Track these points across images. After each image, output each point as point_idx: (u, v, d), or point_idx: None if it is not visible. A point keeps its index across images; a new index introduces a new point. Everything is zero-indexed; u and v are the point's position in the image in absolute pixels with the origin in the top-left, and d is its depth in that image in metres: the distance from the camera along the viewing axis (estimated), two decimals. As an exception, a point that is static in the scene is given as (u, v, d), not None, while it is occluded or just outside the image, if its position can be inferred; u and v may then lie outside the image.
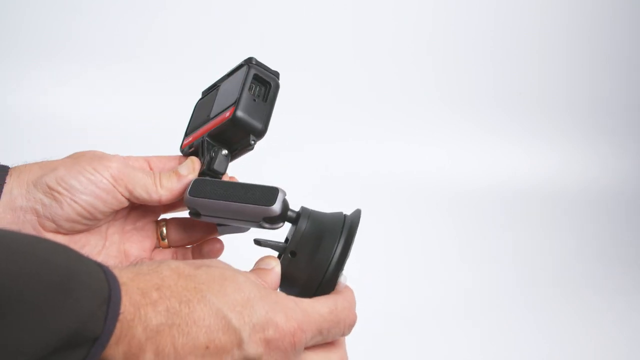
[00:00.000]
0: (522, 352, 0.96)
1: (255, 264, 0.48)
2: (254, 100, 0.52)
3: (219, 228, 0.56)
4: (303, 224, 0.50)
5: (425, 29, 1.67)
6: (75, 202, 0.48)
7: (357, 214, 0.52)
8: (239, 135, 0.52)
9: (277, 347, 0.39)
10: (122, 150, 0.59)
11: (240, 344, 0.38)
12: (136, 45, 1.44)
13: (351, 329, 0.46)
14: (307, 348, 0.43)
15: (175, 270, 0.39)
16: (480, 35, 1.70)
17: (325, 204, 0.55)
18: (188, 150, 0.56)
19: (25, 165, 0.49)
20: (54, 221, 0.48)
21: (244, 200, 0.49)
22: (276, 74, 0.56)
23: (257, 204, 0.48)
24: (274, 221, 0.49)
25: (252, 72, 0.53)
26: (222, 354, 0.37)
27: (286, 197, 0.50)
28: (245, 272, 0.42)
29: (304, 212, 0.51)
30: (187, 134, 0.58)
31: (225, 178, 0.54)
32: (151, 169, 0.55)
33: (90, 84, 1.38)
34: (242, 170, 0.59)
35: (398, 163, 1.56)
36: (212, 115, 0.54)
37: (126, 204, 0.51)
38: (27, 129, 1.26)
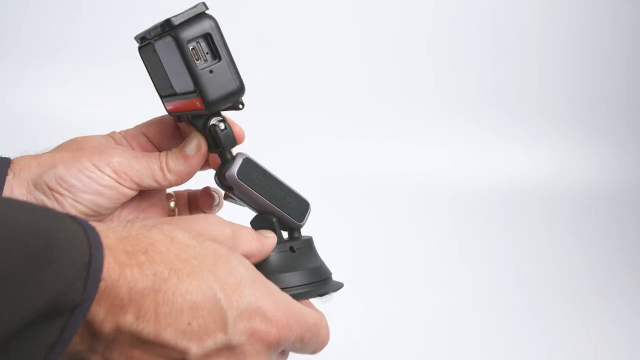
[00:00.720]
0: (522, 352, 0.96)
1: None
2: (211, 71, 0.44)
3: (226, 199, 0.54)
4: (307, 244, 0.50)
5: (425, 29, 1.67)
6: (78, 202, 0.46)
7: (340, 285, 0.52)
8: (222, 109, 0.47)
9: (261, 339, 0.37)
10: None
11: (224, 327, 0.35)
12: (136, 45, 1.44)
13: (321, 350, 0.44)
14: (282, 353, 0.42)
15: (168, 235, 0.36)
16: (481, 36, 1.70)
17: (325, 204, 0.55)
18: (177, 119, 0.51)
19: (24, 161, 0.48)
20: None
21: (281, 206, 0.49)
22: (203, 11, 0.45)
23: (290, 215, 0.49)
24: (288, 229, 0.50)
25: (183, 39, 0.43)
26: (203, 334, 0.35)
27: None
28: (239, 255, 0.40)
29: (311, 241, 0.51)
30: (162, 96, 0.51)
31: (238, 130, 0.50)
32: (152, 143, 0.53)
33: (90, 84, 1.38)
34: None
35: (398, 163, 1.56)
36: (178, 90, 0.47)
37: (135, 193, 0.49)
38: (26, 129, 1.26)
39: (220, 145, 0.48)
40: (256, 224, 0.49)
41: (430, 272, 1.18)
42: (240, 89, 0.46)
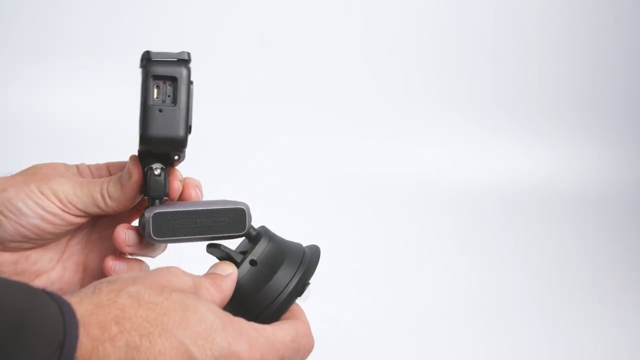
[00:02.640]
0: (522, 351, 0.96)
1: (210, 269, 0.47)
2: (160, 110, 0.45)
3: None
4: (265, 242, 0.48)
5: (425, 29, 1.67)
6: (21, 225, 0.47)
7: (316, 251, 0.50)
8: (155, 151, 0.47)
9: None
10: (115, 150, 0.58)
11: None
12: (130, 45, 1.44)
13: (309, 354, 0.46)
14: None
15: (135, 297, 0.37)
16: (481, 36, 1.70)
17: (325, 204, 0.55)
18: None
19: None
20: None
21: (214, 231, 0.48)
22: (183, 59, 0.46)
23: (229, 232, 0.48)
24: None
25: (150, 72, 0.46)
26: None
27: (250, 212, 0.48)
28: (207, 301, 0.41)
29: (266, 232, 0.49)
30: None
31: (176, 185, 0.49)
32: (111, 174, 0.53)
33: (84, 84, 1.38)
34: (244, 170, 0.58)
35: (398, 163, 1.56)
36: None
37: (83, 221, 0.50)
38: (19, 129, 1.26)
39: (146, 190, 0.47)
40: (211, 252, 0.49)
41: (430, 271, 1.18)
42: (180, 140, 0.45)
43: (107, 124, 1.34)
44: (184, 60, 0.46)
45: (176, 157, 0.48)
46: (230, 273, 0.46)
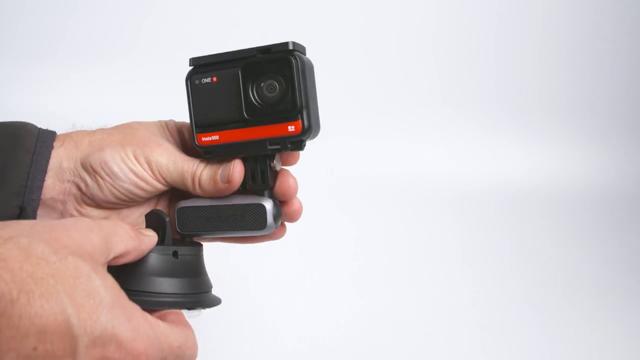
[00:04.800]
0: (523, 351, 0.96)
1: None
2: (311, 102, 0.48)
3: None
4: (195, 251, 0.48)
5: (427, 30, 1.67)
6: (115, 188, 0.48)
7: (218, 300, 0.49)
8: (305, 139, 0.48)
9: None
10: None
11: (74, 354, 0.33)
12: (130, 45, 1.44)
13: None
14: None
15: (24, 249, 0.34)
16: (482, 36, 1.70)
17: (326, 205, 0.55)
18: (210, 154, 0.49)
19: (78, 137, 0.50)
20: (93, 200, 0.49)
21: (235, 227, 0.49)
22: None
23: (250, 229, 0.48)
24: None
25: (303, 64, 0.47)
26: None
27: (273, 209, 0.49)
28: (104, 276, 0.37)
29: (199, 248, 0.49)
30: (203, 127, 0.49)
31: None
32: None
33: (84, 84, 1.38)
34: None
35: (399, 163, 1.56)
36: (252, 116, 0.47)
37: (168, 188, 0.51)
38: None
39: (258, 183, 0.48)
40: (148, 220, 0.48)
41: (431, 271, 1.18)
42: (318, 129, 0.49)
43: (108, 124, 1.34)
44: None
45: (304, 145, 0.49)
46: (151, 235, 0.45)
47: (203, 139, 0.49)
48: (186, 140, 0.53)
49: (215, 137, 0.49)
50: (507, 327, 1.02)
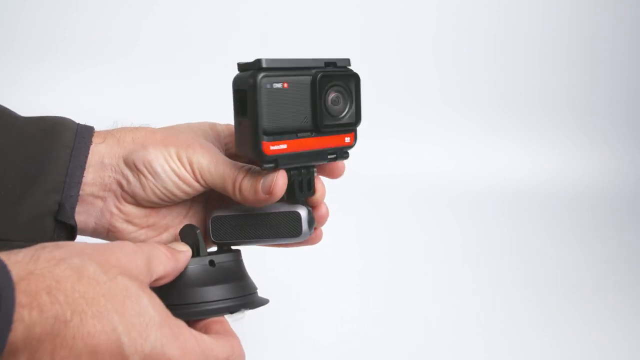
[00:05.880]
0: (524, 350, 0.96)
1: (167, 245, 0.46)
2: None
3: None
4: (231, 257, 0.49)
5: (427, 30, 1.67)
6: (157, 187, 0.48)
7: (265, 300, 0.51)
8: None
9: None
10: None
11: None
12: (130, 45, 1.44)
13: None
14: None
15: (77, 270, 0.34)
16: (483, 36, 1.70)
17: (327, 205, 0.55)
18: (274, 164, 0.46)
19: (121, 133, 0.50)
20: (134, 198, 0.49)
21: (270, 235, 0.49)
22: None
23: (285, 236, 0.49)
24: None
25: (358, 82, 0.49)
26: None
27: (308, 216, 0.49)
28: (151, 295, 0.38)
29: (237, 253, 0.50)
30: (270, 135, 0.46)
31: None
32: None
33: (84, 84, 1.38)
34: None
35: (399, 163, 1.56)
36: (321, 127, 0.47)
37: (208, 189, 0.50)
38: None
39: (298, 194, 0.48)
40: (182, 235, 0.49)
41: (432, 271, 1.18)
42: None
43: (108, 124, 1.34)
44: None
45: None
46: (185, 250, 0.45)
47: (271, 147, 0.46)
48: (231, 144, 0.53)
49: (284, 146, 0.46)
50: (507, 326, 1.02)
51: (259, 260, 0.50)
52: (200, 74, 1.38)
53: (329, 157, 0.49)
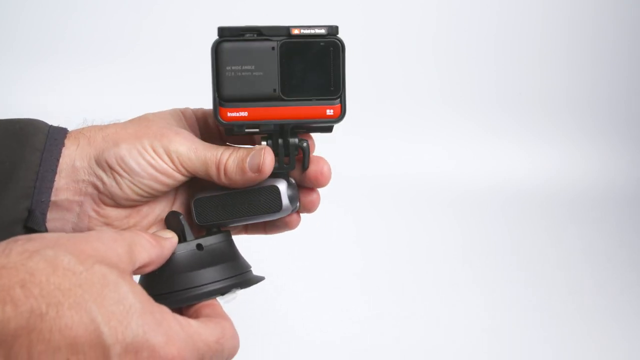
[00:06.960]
0: (524, 350, 0.96)
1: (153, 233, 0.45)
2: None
3: None
4: (220, 238, 0.47)
5: (427, 30, 1.67)
6: (135, 184, 0.46)
7: (260, 278, 0.49)
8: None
9: None
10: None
11: None
12: (131, 46, 1.44)
13: (233, 358, 0.41)
14: None
15: (51, 261, 0.33)
16: (483, 36, 1.70)
17: (327, 205, 0.54)
18: (239, 129, 0.46)
19: (90, 132, 0.47)
20: (112, 199, 0.47)
21: (252, 212, 0.47)
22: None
23: (266, 212, 0.47)
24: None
25: (344, 49, 0.46)
26: None
27: (289, 190, 0.48)
28: (131, 283, 0.36)
29: (227, 234, 0.49)
30: (229, 101, 0.45)
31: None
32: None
33: (84, 84, 1.38)
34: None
35: (399, 163, 1.56)
36: (287, 96, 0.45)
37: (189, 178, 0.48)
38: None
39: (281, 164, 0.47)
40: (167, 223, 0.48)
41: (432, 271, 1.18)
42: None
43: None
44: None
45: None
46: (170, 237, 0.44)
47: (228, 114, 0.45)
48: (208, 127, 0.51)
49: (244, 114, 0.45)
50: (507, 326, 1.02)
51: (259, 260, 0.50)
52: (200, 74, 1.37)
53: (298, 129, 0.47)
